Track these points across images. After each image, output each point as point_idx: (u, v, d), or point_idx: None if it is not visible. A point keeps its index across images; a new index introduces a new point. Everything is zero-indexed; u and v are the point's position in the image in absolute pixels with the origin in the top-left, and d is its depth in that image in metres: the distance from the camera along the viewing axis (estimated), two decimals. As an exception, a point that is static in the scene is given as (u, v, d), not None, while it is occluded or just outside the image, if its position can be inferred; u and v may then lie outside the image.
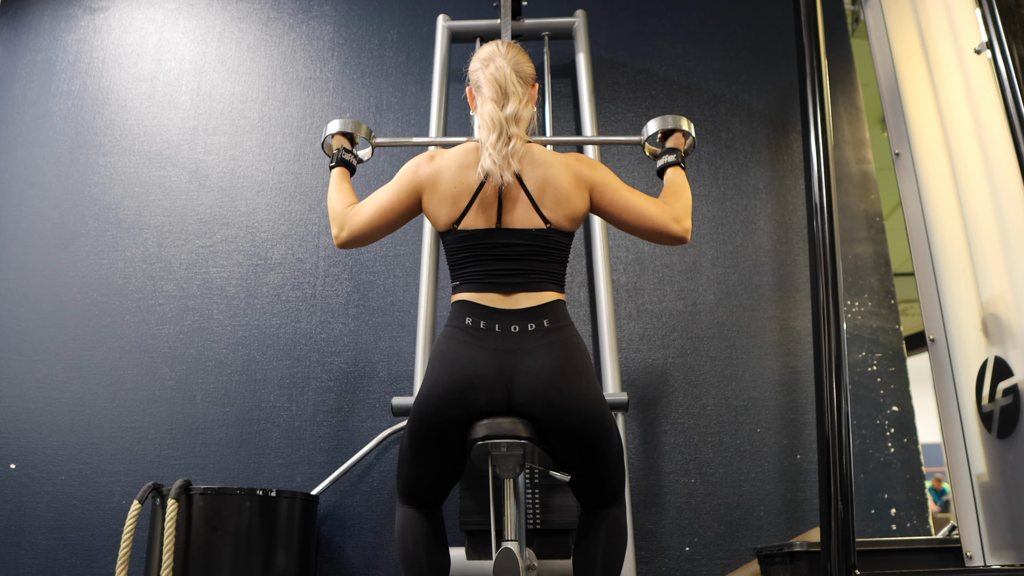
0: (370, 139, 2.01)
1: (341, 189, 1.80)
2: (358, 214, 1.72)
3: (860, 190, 2.94)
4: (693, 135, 1.92)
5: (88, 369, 2.71)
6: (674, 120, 1.92)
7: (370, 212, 1.71)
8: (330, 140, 1.96)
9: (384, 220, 1.70)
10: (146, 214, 2.92)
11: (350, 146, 1.95)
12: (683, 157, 1.86)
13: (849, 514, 1.60)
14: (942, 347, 1.90)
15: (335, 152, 1.92)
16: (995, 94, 1.75)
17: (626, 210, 1.68)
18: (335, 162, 1.89)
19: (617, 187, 1.69)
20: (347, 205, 1.75)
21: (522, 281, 1.62)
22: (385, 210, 1.70)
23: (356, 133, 1.96)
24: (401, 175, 1.71)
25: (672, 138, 1.92)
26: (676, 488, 2.56)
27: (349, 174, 1.89)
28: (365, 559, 2.50)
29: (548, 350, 1.56)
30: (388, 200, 1.70)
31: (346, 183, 1.84)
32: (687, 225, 1.69)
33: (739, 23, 3.16)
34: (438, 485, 1.65)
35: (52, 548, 2.52)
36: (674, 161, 1.84)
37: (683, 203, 1.73)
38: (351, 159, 1.91)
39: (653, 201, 1.70)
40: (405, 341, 2.72)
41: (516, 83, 1.68)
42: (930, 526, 2.57)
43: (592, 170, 1.69)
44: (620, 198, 1.68)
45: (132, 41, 3.19)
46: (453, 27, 2.91)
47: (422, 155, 1.72)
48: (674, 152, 1.86)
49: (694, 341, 2.74)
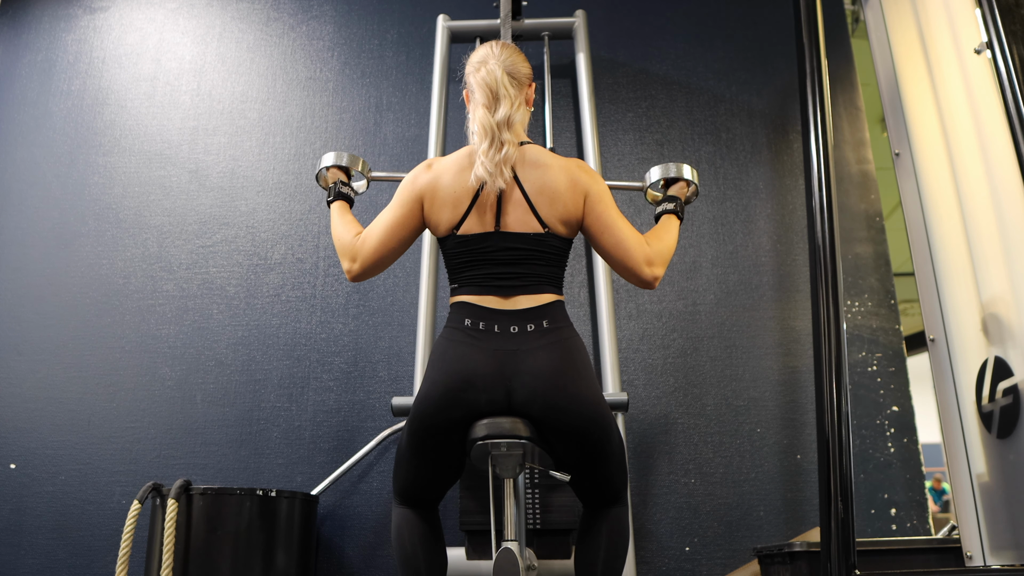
0: (366, 172, 1.97)
1: (345, 220, 1.76)
2: (367, 241, 1.67)
3: (860, 190, 2.94)
4: (696, 183, 1.90)
5: (88, 369, 2.71)
6: (676, 168, 1.90)
7: (379, 234, 1.66)
8: (325, 173, 1.92)
9: (395, 238, 1.66)
10: (146, 214, 2.92)
11: (347, 179, 1.92)
12: (683, 206, 1.84)
13: (849, 514, 1.60)
14: (942, 347, 1.90)
15: (332, 186, 1.88)
16: (995, 94, 1.75)
17: (607, 230, 1.64)
18: (333, 196, 1.85)
19: (608, 204, 1.66)
20: (354, 235, 1.70)
21: (521, 284, 1.62)
22: (394, 227, 1.66)
23: (352, 168, 1.93)
24: (401, 189, 1.69)
25: (675, 187, 1.90)
26: (676, 488, 2.56)
27: (349, 206, 1.85)
28: (365, 559, 2.50)
29: (548, 350, 1.57)
30: (394, 217, 1.67)
31: (348, 214, 1.80)
32: (658, 273, 1.66)
33: (739, 23, 3.16)
34: (436, 485, 1.65)
35: (52, 548, 2.52)
36: (672, 210, 1.81)
37: (664, 248, 1.70)
38: (349, 192, 1.87)
39: (636, 235, 1.66)
40: (405, 341, 2.72)
41: (508, 86, 1.66)
42: (930, 526, 2.57)
43: (590, 178, 1.67)
44: (607, 216, 1.65)
45: (132, 41, 3.19)
46: (453, 27, 2.92)
47: (419, 166, 1.72)
48: (674, 201, 1.83)
49: (694, 341, 2.73)
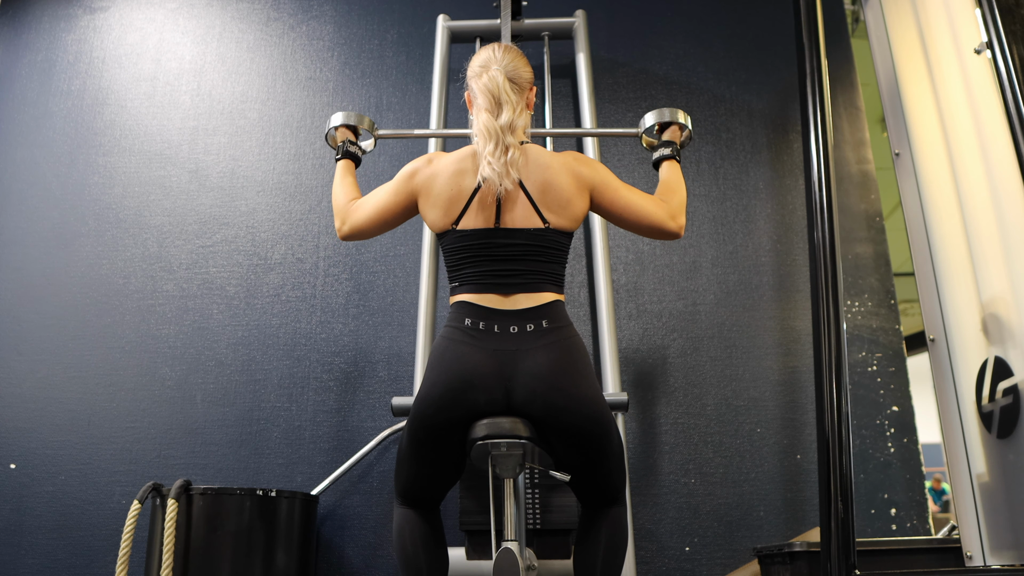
0: (373, 131, 2.06)
1: (345, 183, 1.88)
2: (358, 211, 1.78)
3: (860, 190, 2.94)
4: (690, 128, 1.97)
5: (88, 369, 2.71)
6: (671, 113, 1.96)
7: (368, 211, 1.76)
8: (334, 132, 2.03)
9: (381, 219, 1.76)
10: (146, 214, 2.92)
11: (354, 138, 2.02)
12: (679, 150, 1.91)
13: (849, 514, 1.60)
14: (942, 347, 1.90)
15: (340, 144, 1.99)
16: (995, 94, 1.75)
17: (626, 210, 1.71)
18: (340, 154, 1.96)
19: (617, 187, 1.71)
20: (350, 199, 1.81)
21: (521, 281, 1.62)
22: (382, 210, 1.75)
23: (359, 126, 2.03)
24: (399, 178, 1.74)
25: (669, 131, 1.96)
26: (676, 488, 2.56)
27: (354, 166, 1.96)
28: (365, 559, 2.50)
29: (547, 350, 1.57)
30: (385, 201, 1.74)
31: (350, 176, 1.91)
32: (682, 222, 1.74)
33: (739, 23, 3.16)
34: (437, 485, 1.65)
35: (52, 548, 2.52)
36: (670, 155, 1.89)
37: (678, 199, 1.77)
38: (356, 151, 1.98)
39: (650, 199, 1.73)
40: (405, 341, 2.72)
41: (509, 92, 1.68)
42: (930, 526, 2.57)
43: (592, 170, 1.70)
44: (620, 199, 1.71)
45: (132, 41, 3.19)
46: (453, 27, 2.91)
47: (421, 158, 1.74)
48: (670, 145, 1.90)
49: (694, 341, 2.73)
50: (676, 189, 1.80)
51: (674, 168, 1.86)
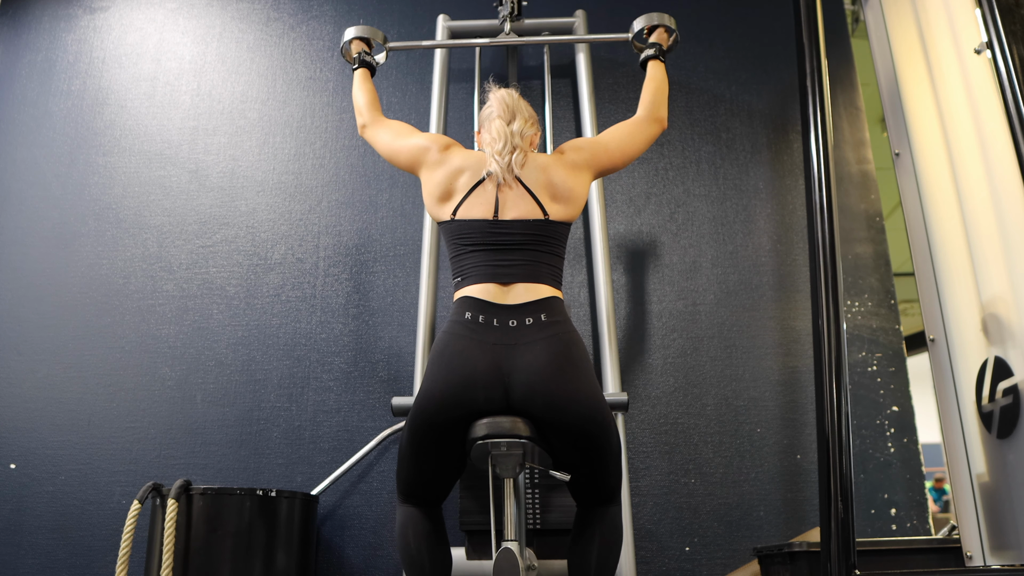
0: (384, 44, 2.26)
1: (365, 88, 2.08)
2: (380, 132, 1.96)
3: (860, 190, 2.94)
4: (676, 31, 2.18)
5: (88, 369, 2.71)
6: (659, 17, 2.19)
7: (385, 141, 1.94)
8: (348, 46, 2.21)
9: (389, 156, 1.94)
10: (146, 214, 2.92)
11: (369, 49, 2.20)
12: (664, 51, 2.11)
13: (849, 514, 1.60)
14: (942, 347, 1.90)
15: (356, 56, 2.17)
16: (995, 94, 1.75)
17: (623, 153, 1.88)
18: (357, 64, 2.15)
19: (606, 144, 1.86)
20: (371, 103, 2.04)
21: (520, 272, 1.64)
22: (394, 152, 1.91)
23: (372, 38, 2.22)
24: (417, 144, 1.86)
25: (655, 34, 2.18)
26: (676, 488, 2.56)
27: (370, 74, 2.15)
28: (365, 559, 2.50)
29: (546, 344, 1.57)
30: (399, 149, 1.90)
31: (368, 82, 2.11)
32: (662, 114, 1.96)
33: (739, 23, 3.16)
34: (438, 484, 1.65)
35: (52, 548, 2.52)
36: (654, 55, 2.09)
37: (656, 97, 1.98)
38: (371, 60, 2.17)
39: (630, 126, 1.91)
40: (405, 341, 2.72)
41: (524, 108, 1.85)
42: (930, 526, 2.57)
43: (580, 152, 1.83)
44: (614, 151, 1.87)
45: (132, 41, 3.19)
46: (453, 27, 2.91)
47: (441, 139, 1.86)
48: (655, 46, 2.11)
49: (694, 341, 2.73)
50: (654, 87, 2.00)
51: (657, 66, 2.07)
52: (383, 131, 1.96)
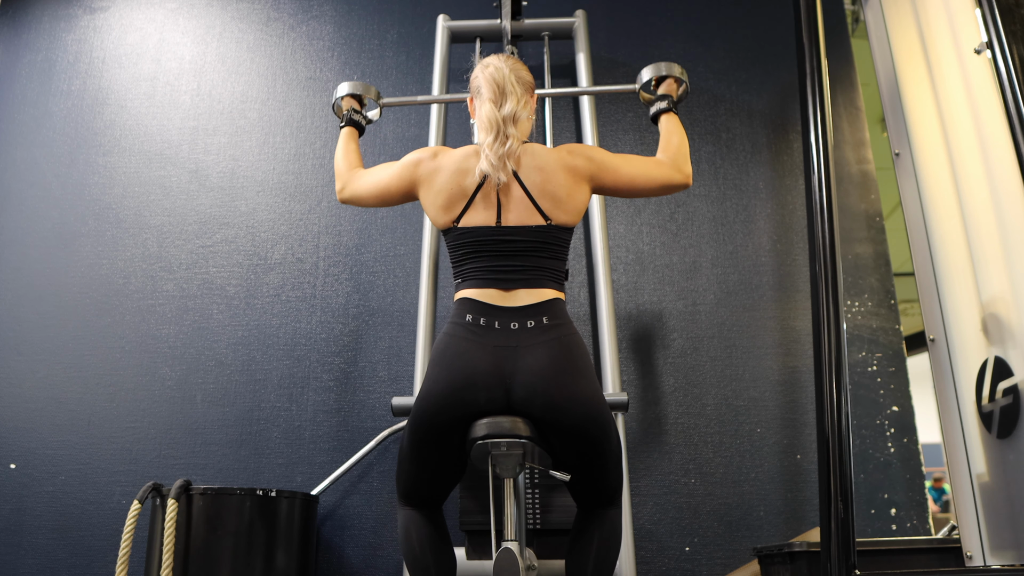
0: (378, 100, 2.16)
1: (348, 149, 1.95)
2: (360, 181, 1.84)
3: (860, 190, 2.94)
4: (686, 81, 2.03)
5: (88, 369, 2.71)
6: (667, 67, 2.02)
7: (369, 185, 1.82)
8: (340, 102, 2.10)
9: (380, 197, 1.82)
10: (146, 214, 2.92)
11: (359, 107, 2.10)
12: (675, 103, 1.96)
13: (849, 514, 1.60)
14: (942, 347, 1.90)
15: (345, 113, 2.06)
16: (995, 94, 1.75)
17: (633, 183, 1.75)
18: (344, 122, 2.04)
19: (617, 166, 1.74)
20: (351, 166, 1.90)
21: (522, 277, 1.63)
22: (383, 189, 1.80)
23: (365, 95, 2.11)
24: (404, 164, 1.77)
25: (664, 84, 2.01)
26: (676, 488, 2.56)
27: (358, 134, 2.04)
28: (365, 559, 2.50)
29: (547, 347, 1.57)
30: (387, 182, 1.79)
31: (353, 143, 1.99)
32: (688, 171, 1.80)
33: (739, 23, 3.16)
34: (439, 485, 1.65)
35: (52, 548, 2.52)
36: (666, 107, 1.94)
37: (681, 151, 1.82)
38: (360, 119, 2.05)
39: (651, 162, 1.78)
40: (405, 341, 2.72)
41: (515, 84, 1.72)
42: (930, 526, 2.57)
43: (587, 160, 1.72)
44: (624, 176, 1.74)
45: (132, 41, 3.19)
46: (453, 27, 2.91)
47: (427, 149, 1.77)
48: (666, 99, 1.95)
49: (694, 341, 2.73)
50: (673, 141, 1.85)
51: (672, 120, 1.91)
52: (364, 177, 1.84)
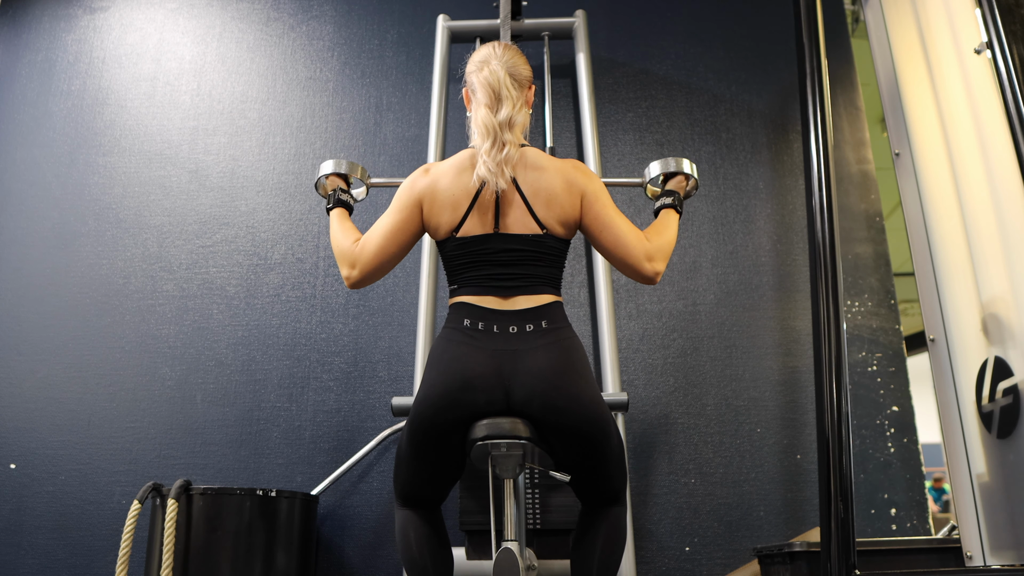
0: (365, 179, 1.98)
1: (344, 227, 1.76)
2: (366, 247, 1.67)
3: (860, 190, 2.94)
4: (696, 177, 1.91)
5: (88, 369, 2.71)
6: (676, 163, 1.91)
7: (378, 240, 1.66)
8: (324, 180, 1.93)
9: (395, 243, 1.66)
10: (146, 214, 2.92)
11: (346, 186, 1.92)
12: (681, 201, 1.85)
13: (849, 514, 1.60)
14: (942, 347, 1.90)
15: (331, 193, 1.88)
16: (995, 94, 1.75)
17: (606, 228, 1.65)
18: (332, 204, 1.86)
19: (606, 203, 1.67)
20: (354, 241, 1.70)
21: (520, 284, 1.63)
22: (393, 232, 1.66)
23: (351, 174, 1.95)
24: (399, 194, 1.69)
25: (674, 181, 1.90)
26: (676, 488, 2.56)
27: (348, 213, 1.85)
28: (365, 559, 2.50)
29: (546, 350, 1.57)
30: (393, 222, 1.66)
31: (347, 221, 1.80)
32: (659, 268, 1.66)
33: (739, 23, 3.16)
34: (437, 486, 1.65)
35: (52, 548, 2.52)
36: (670, 204, 1.82)
37: (664, 243, 1.70)
38: (348, 199, 1.88)
39: (635, 231, 1.67)
40: (405, 341, 2.72)
41: (510, 87, 1.66)
42: (930, 526, 2.57)
43: (586, 179, 1.68)
44: (605, 215, 1.65)
45: (132, 41, 3.19)
46: (453, 27, 2.91)
47: (417, 171, 1.71)
48: (672, 195, 1.84)
49: (694, 341, 2.73)
50: (664, 233, 1.73)
51: (671, 217, 1.79)
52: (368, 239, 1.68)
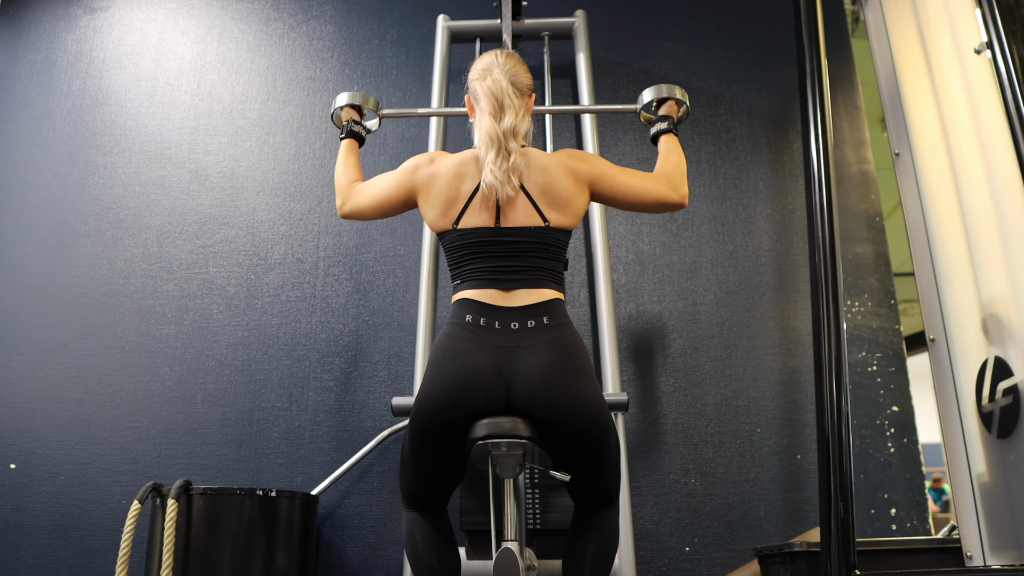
0: (377, 111, 2.14)
1: (348, 163, 1.94)
2: (360, 194, 1.83)
3: (860, 190, 2.94)
4: (687, 103, 2.03)
5: (88, 369, 2.71)
6: (668, 89, 2.03)
7: (369, 198, 1.82)
8: (339, 112, 2.08)
9: (380, 208, 1.81)
10: (146, 214, 2.92)
11: (359, 118, 2.07)
12: (675, 124, 1.97)
13: (849, 514, 1.60)
14: (942, 347, 1.90)
15: (345, 124, 2.04)
16: (995, 94, 1.75)
17: (627, 193, 1.75)
18: (344, 133, 2.02)
19: (614, 174, 1.75)
20: (351, 180, 1.88)
21: (522, 277, 1.63)
22: (382, 200, 1.80)
23: (364, 105, 2.09)
24: (401, 171, 1.77)
25: (666, 106, 2.02)
26: (676, 488, 2.56)
27: (358, 146, 2.02)
28: (365, 559, 2.50)
29: (548, 347, 1.57)
30: (386, 192, 1.79)
31: (353, 156, 1.97)
32: (684, 191, 1.80)
33: (739, 23, 3.16)
34: (441, 486, 1.65)
35: (52, 548, 2.52)
36: (667, 128, 1.95)
37: (678, 171, 1.83)
38: (360, 130, 2.04)
39: (649, 177, 1.78)
40: (405, 341, 2.72)
41: (512, 95, 1.70)
42: (930, 526, 2.57)
43: (588, 164, 1.74)
44: (620, 184, 1.75)
45: (132, 41, 3.19)
46: (453, 27, 2.91)
47: (424, 155, 1.76)
48: (667, 119, 1.96)
49: (694, 341, 2.73)
50: (671, 160, 1.86)
51: (672, 141, 1.92)
52: (363, 190, 1.83)
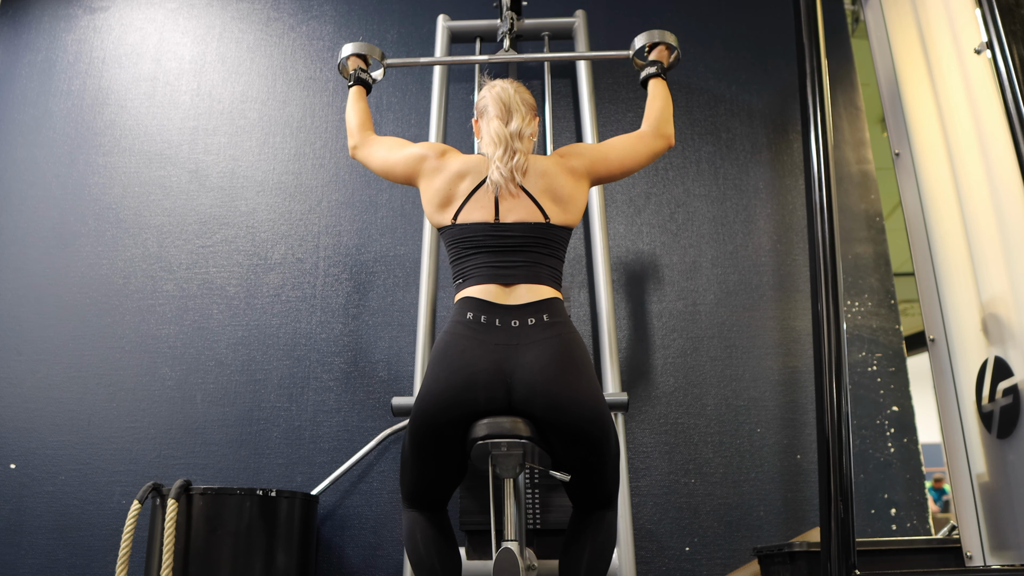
0: (382, 61, 2.23)
1: (358, 107, 2.04)
2: (373, 150, 1.93)
3: (860, 190, 2.94)
4: (678, 48, 2.12)
5: (88, 369, 2.71)
6: (660, 34, 2.12)
7: (379, 161, 1.91)
8: (345, 62, 2.17)
9: (384, 173, 1.90)
10: (146, 214, 2.92)
11: (365, 66, 2.17)
12: (664, 69, 2.06)
13: (849, 514, 1.60)
14: (942, 347, 1.90)
15: (352, 72, 2.15)
16: (995, 94, 1.75)
17: (623, 164, 1.84)
18: (352, 81, 2.12)
19: (606, 154, 1.83)
20: (363, 126, 2.00)
21: (522, 272, 1.64)
22: (388, 169, 1.88)
23: (370, 55, 2.19)
24: (411, 154, 1.83)
25: (656, 51, 2.12)
26: (676, 488, 2.56)
27: (365, 92, 2.11)
28: (365, 559, 2.50)
29: (548, 344, 1.57)
30: (392, 163, 1.87)
31: (363, 101, 2.07)
32: (668, 131, 1.91)
33: (739, 23, 3.16)
34: (441, 486, 1.65)
35: (52, 548, 2.52)
36: (655, 72, 2.04)
37: (663, 114, 1.93)
38: (367, 78, 2.14)
39: (634, 137, 1.87)
40: (405, 341, 2.72)
41: (519, 103, 1.80)
42: (930, 526, 2.57)
43: (580, 157, 1.80)
44: (614, 161, 1.83)
45: (132, 41, 3.18)
46: (453, 27, 2.91)
47: (437, 146, 1.83)
48: (656, 64, 2.05)
49: (694, 341, 2.73)
50: (660, 104, 1.95)
51: (659, 84, 2.01)
52: (376, 147, 1.92)
